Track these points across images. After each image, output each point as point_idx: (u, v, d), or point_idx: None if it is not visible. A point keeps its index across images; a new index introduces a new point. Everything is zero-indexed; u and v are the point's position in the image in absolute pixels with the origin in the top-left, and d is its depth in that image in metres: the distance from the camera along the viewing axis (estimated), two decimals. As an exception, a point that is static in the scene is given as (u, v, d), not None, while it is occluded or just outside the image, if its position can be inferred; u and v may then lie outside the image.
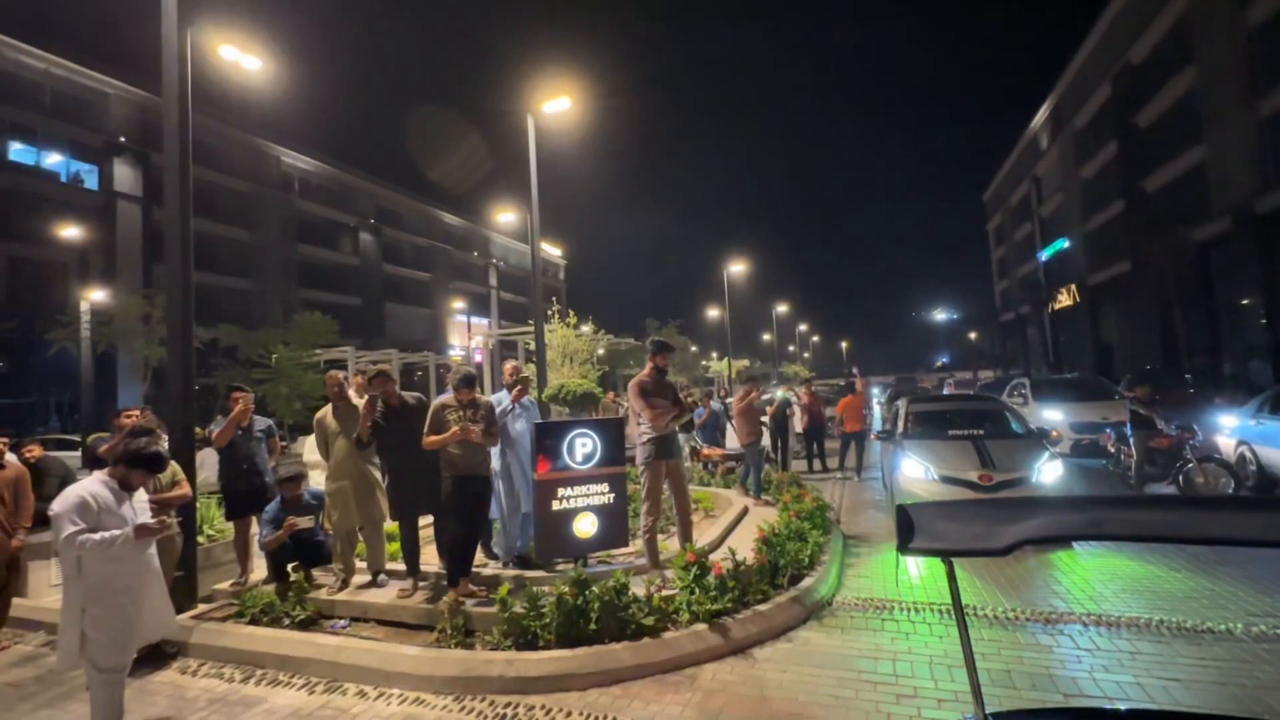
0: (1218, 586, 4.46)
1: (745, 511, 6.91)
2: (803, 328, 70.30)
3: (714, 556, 4.73)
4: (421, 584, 4.60)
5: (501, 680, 3.47)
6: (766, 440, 11.44)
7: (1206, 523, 1.23)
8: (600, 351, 21.61)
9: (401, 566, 4.77)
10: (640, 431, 4.81)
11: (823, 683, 3.39)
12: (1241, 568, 4.74)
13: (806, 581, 4.59)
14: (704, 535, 5.64)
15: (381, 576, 4.79)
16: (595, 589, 3.87)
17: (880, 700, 3.18)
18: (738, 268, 33.12)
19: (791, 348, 68.63)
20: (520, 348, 18.27)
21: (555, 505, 4.72)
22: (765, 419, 9.75)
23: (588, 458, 4.86)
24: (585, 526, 4.79)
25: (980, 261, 61.03)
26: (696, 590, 4.07)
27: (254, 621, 4.29)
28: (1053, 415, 10.71)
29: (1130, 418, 8.15)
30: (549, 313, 15.64)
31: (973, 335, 64.19)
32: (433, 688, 3.51)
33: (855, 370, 15.18)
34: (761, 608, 4.13)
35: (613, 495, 4.92)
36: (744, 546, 4.88)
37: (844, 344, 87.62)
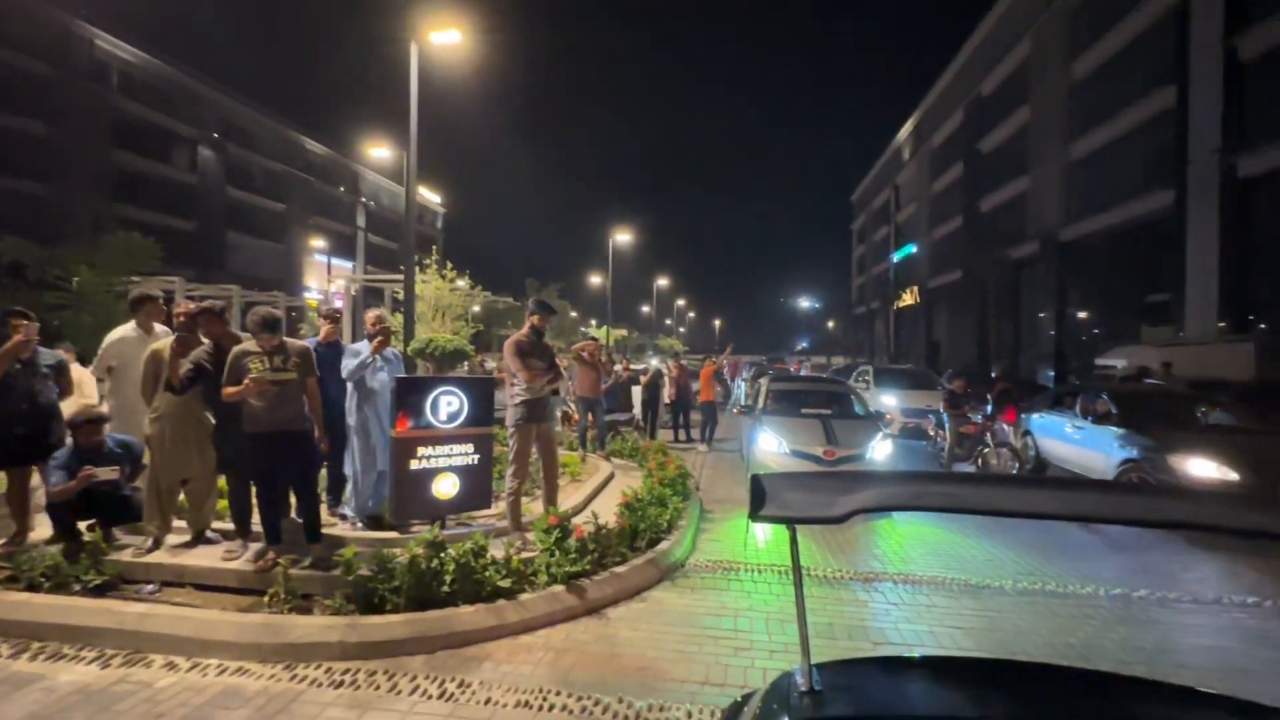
0: (997, 550, 5.31)
1: (611, 477, 7.06)
2: (680, 303, 72.58)
3: (577, 520, 4.77)
4: (253, 545, 4.17)
5: (342, 646, 3.27)
6: (637, 410, 11.77)
7: (1000, 498, 1.42)
8: (476, 309, 20.75)
9: (232, 526, 4.30)
10: (513, 393, 4.69)
11: (670, 639, 3.58)
12: (1016, 534, 5.68)
13: (664, 545, 4.79)
14: (569, 499, 5.68)
15: (212, 534, 4.30)
16: (452, 551, 3.75)
17: (720, 653, 3.42)
18: (623, 237, 33.22)
19: (669, 321, 70.68)
20: (388, 296, 17.03)
21: (414, 464, 4.48)
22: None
23: (453, 416, 4.65)
24: (446, 487, 4.61)
25: (843, 257, 66.54)
26: (557, 553, 4.09)
27: (32, 587, 3.65)
28: (889, 400, 12.04)
29: (946, 405, 9.39)
30: (423, 262, 14.66)
31: (830, 324, 70.15)
32: (260, 656, 3.22)
33: (728, 349, 15.99)
34: (619, 570, 4.25)
35: (477, 456, 4.77)
36: (608, 511, 4.98)
37: (717, 322, 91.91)
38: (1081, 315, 24.81)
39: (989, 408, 9.35)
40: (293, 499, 4.18)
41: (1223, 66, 17.28)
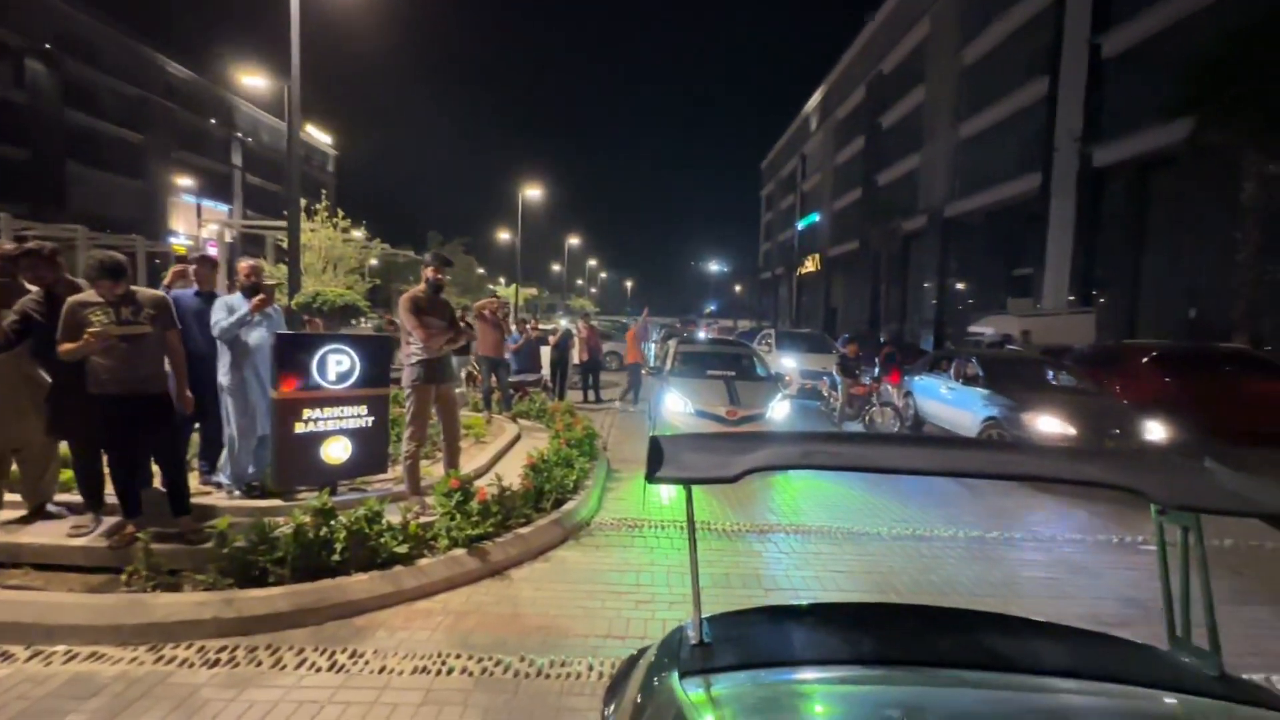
0: (877, 500, 5.79)
1: (518, 438, 6.96)
2: (592, 263, 71.89)
3: (480, 483, 4.67)
4: (108, 520, 3.74)
5: (217, 623, 3.03)
6: (546, 371, 11.62)
7: (880, 456, 1.50)
8: (373, 262, 19.46)
9: (80, 499, 3.83)
10: (409, 352, 4.44)
11: (573, 596, 3.63)
12: (893, 486, 6.22)
13: (569, 505, 4.81)
14: (472, 461, 5.55)
15: (55, 508, 3.81)
16: (343, 518, 3.55)
17: (622, 608, 3.51)
18: (533, 193, 32.12)
19: (580, 281, 69.93)
20: (270, 245, 15.53)
21: (300, 428, 4.18)
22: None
23: (343, 377, 4.36)
24: (336, 451, 4.34)
25: (751, 223, 68.37)
26: (458, 516, 3.99)
27: None
28: (789, 362, 12.65)
29: (838, 368, 10.02)
30: (311, 208, 13.43)
31: (738, 288, 72.32)
32: (119, 639, 2.93)
33: (645, 312, 16.08)
34: (523, 531, 4.22)
35: (372, 419, 4.52)
36: (513, 473, 4.91)
37: (629, 283, 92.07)
38: (960, 286, 27.14)
39: (876, 370, 10.08)
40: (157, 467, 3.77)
41: (1087, 62, 19.03)
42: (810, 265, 42.51)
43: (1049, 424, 6.81)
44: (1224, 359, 9.56)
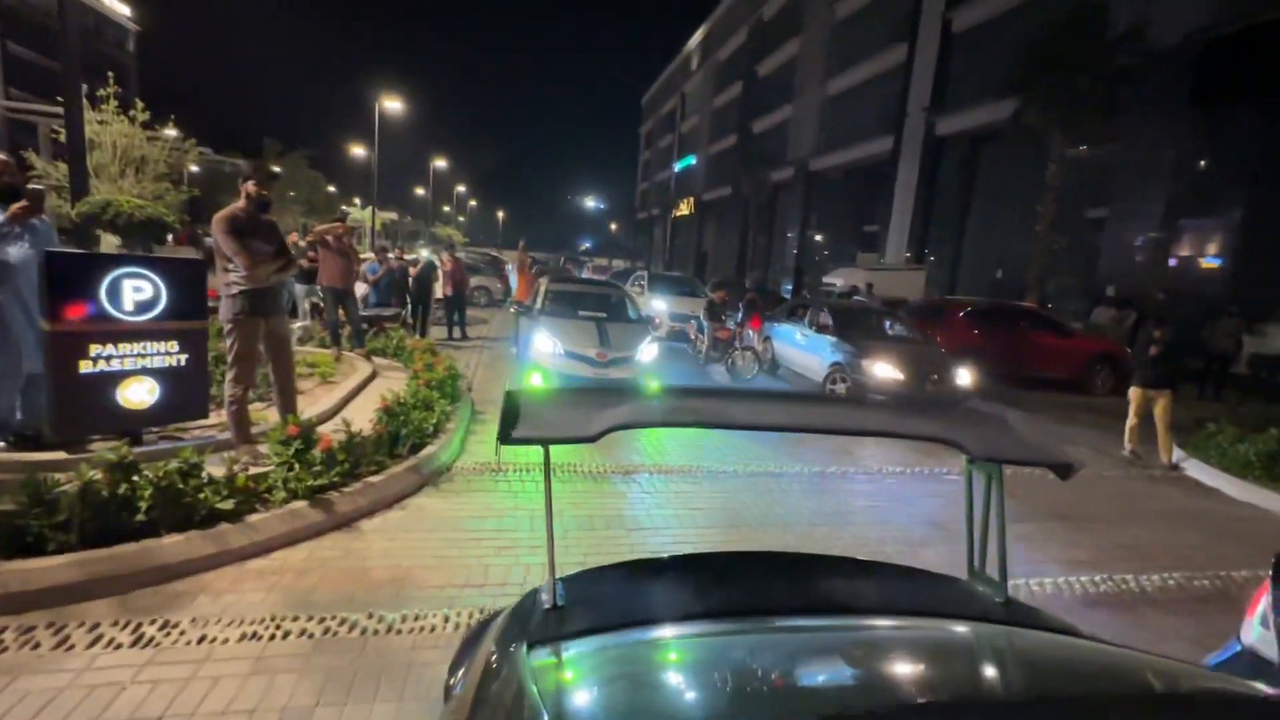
0: (735, 441, 6.15)
1: (372, 378, 6.45)
2: (461, 189, 67.25)
3: (325, 428, 4.27)
4: None
5: (-25, 602, 2.51)
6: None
7: (740, 413, 1.52)
8: (193, 168, 16.64)
9: None
10: (229, 281, 3.81)
11: (430, 545, 3.48)
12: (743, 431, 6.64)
13: (428, 450, 4.56)
14: (317, 404, 5.05)
15: None
16: (149, 472, 3.06)
17: (482, 554, 3.43)
18: (395, 105, 28.88)
19: (447, 208, 65.38)
20: (43, 137, 12.55)
21: (86, 367, 3.49)
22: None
23: (144, 306, 3.67)
24: (139, 394, 3.71)
25: (630, 160, 67.40)
26: (297, 466, 3.61)
27: None
28: (659, 305, 12.88)
29: (706, 313, 10.39)
30: (100, 92, 10.93)
31: (614, 226, 71.84)
32: None
33: (522, 246, 15.34)
34: (374, 479, 3.93)
35: (184, 356, 3.90)
36: (365, 416, 4.54)
37: (500, 214, 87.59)
38: (818, 238, 29.11)
39: (739, 315, 10.57)
40: None
41: (940, 35, 20.52)
42: (685, 208, 43.16)
43: (883, 369, 7.60)
44: (1018, 315, 11.24)
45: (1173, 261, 13.91)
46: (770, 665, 1.16)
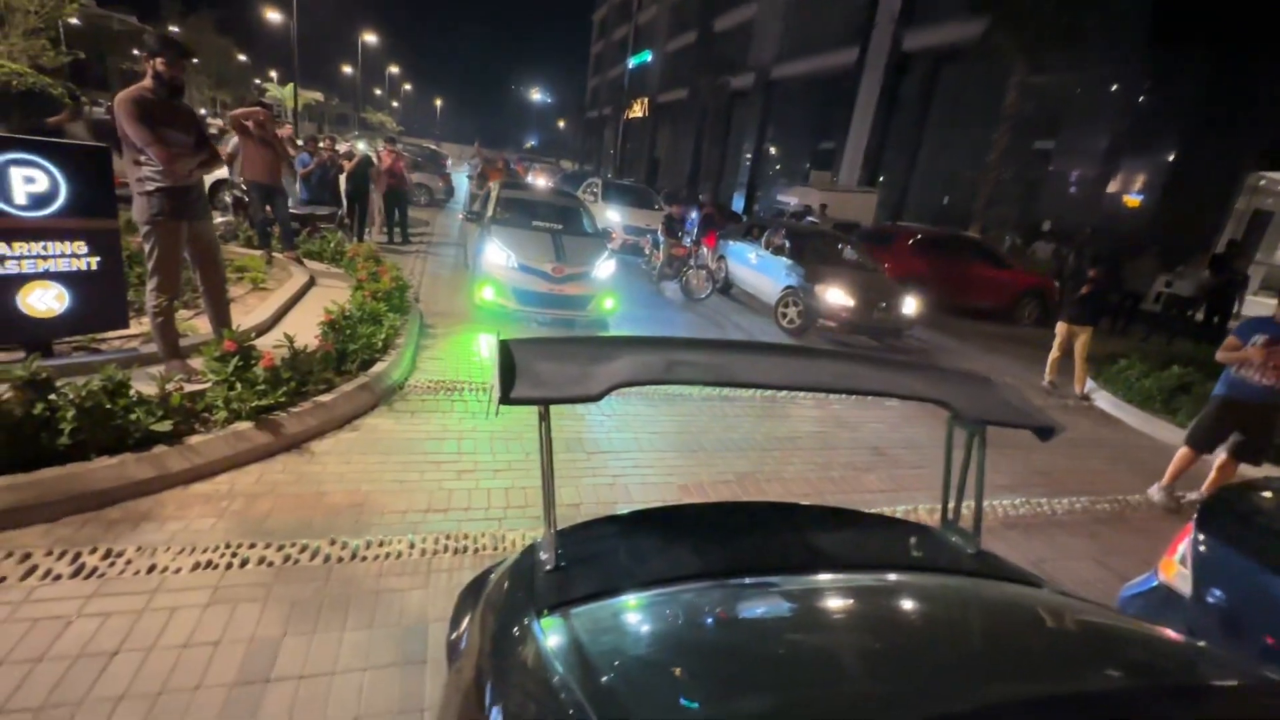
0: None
1: (309, 285, 6.03)
2: (394, 70, 61.10)
3: (264, 342, 3.99)
4: None
5: (-123, 533, 2.28)
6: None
7: (747, 370, 1.47)
8: (73, 21, 14.27)
9: None
10: (142, 176, 3.33)
11: (387, 468, 3.40)
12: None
13: (378, 367, 4.37)
14: (252, 315, 4.69)
15: None
16: (69, 391, 2.79)
17: (443, 478, 3.39)
18: (314, -38, 25.21)
19: (379, 91, 59.63)
20: None
21: (-25, 269, 3.05)
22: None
23: (39, 200, 3.20)
24: (45, 302, 3.31)
25: (581, 52, 62.45)
26: (238, 385, 3.38)
27: None
28: (614, 216, 12.46)
29: (663, 228, 10.15)
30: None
31: (561, 124, 67.78)
32: None
33: (477, 144, 14.18)
34: (324, 398, 3.75)
35: (96, 259, 3.47)
36: (307, 329, 4.26)
37: (438, 101, 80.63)
38: (773, 151, 28.48)
39: (695, 231, 10.39)
40: None
41: (916, -62, 19.40)
42: (638, 109, 40.97)
43: (835, 296, 7.74)
44: (963, 246, 11.57)
45: (1105, 199, 14.50)
46: (779, 623, 1.19)
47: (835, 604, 1.30)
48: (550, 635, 1.05)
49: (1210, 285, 10.33)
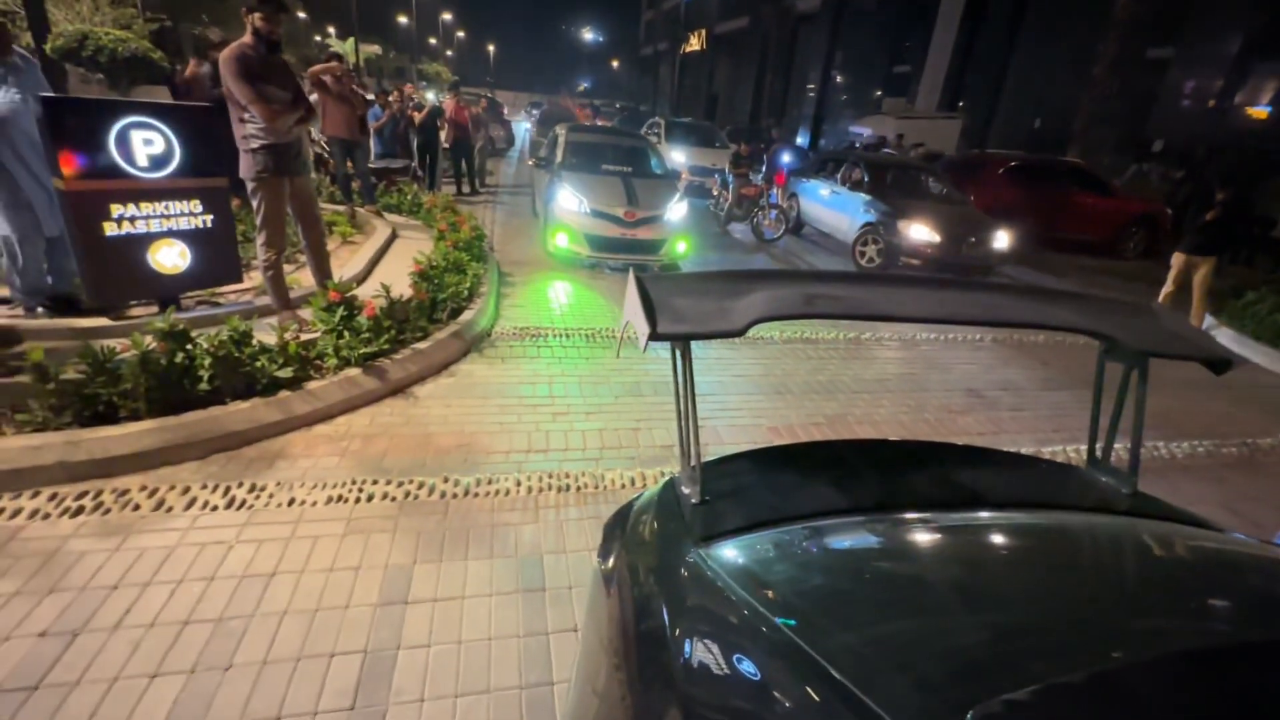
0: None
1: (393, 237, 6.21)
2: (447, 17, 60.39)
3: (362, 292, 4.16)
4: None
5: (65, 467, 2.58)
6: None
7: (884, 301, 1.40)
8: (148, -12, 14.70)
9: None
10: (246, 134, 3.46)
11: (486, 411, 3.53)
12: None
13: (466, 315, 4.49)
14: (346, 267, 4.89)
15: None
16: (204, 342, 3.01)
17: (540, 420, 3.50)
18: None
19: (433, 40, 59.30)
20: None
21: (111, 229, 3.29)
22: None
23: (159, 161, 3.38)
24: (170, 259, 3.54)
25: (633, -17, 59.43)
26: (346, 334, 3.56)
27: None
28: (678, 157, 12.08)
29: (732, 167, 9.77)
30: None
31: (615, 64, 65.62)
32: (-72, 495, 2.41)
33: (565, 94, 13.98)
34: (421, 345, 3.90)
35: (211, 217, 3.67)
36: (398, 279, 4.41)
37: (490, 48, 79.40)
38: (840, 80, 26.63)
39: (764, 170, 9.95)
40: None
41: None
42: (695, 43, 39.01)
43: (918, 232, 7.31)
44: (1062, 172, 10.58)
45: (1230, 112, 12.83)
46: (940, 558, 1.16)
47: (994, 541, 1.25)
48: (717, 561, 1.07)
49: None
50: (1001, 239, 7.51)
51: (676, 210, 6.81)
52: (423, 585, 2.26)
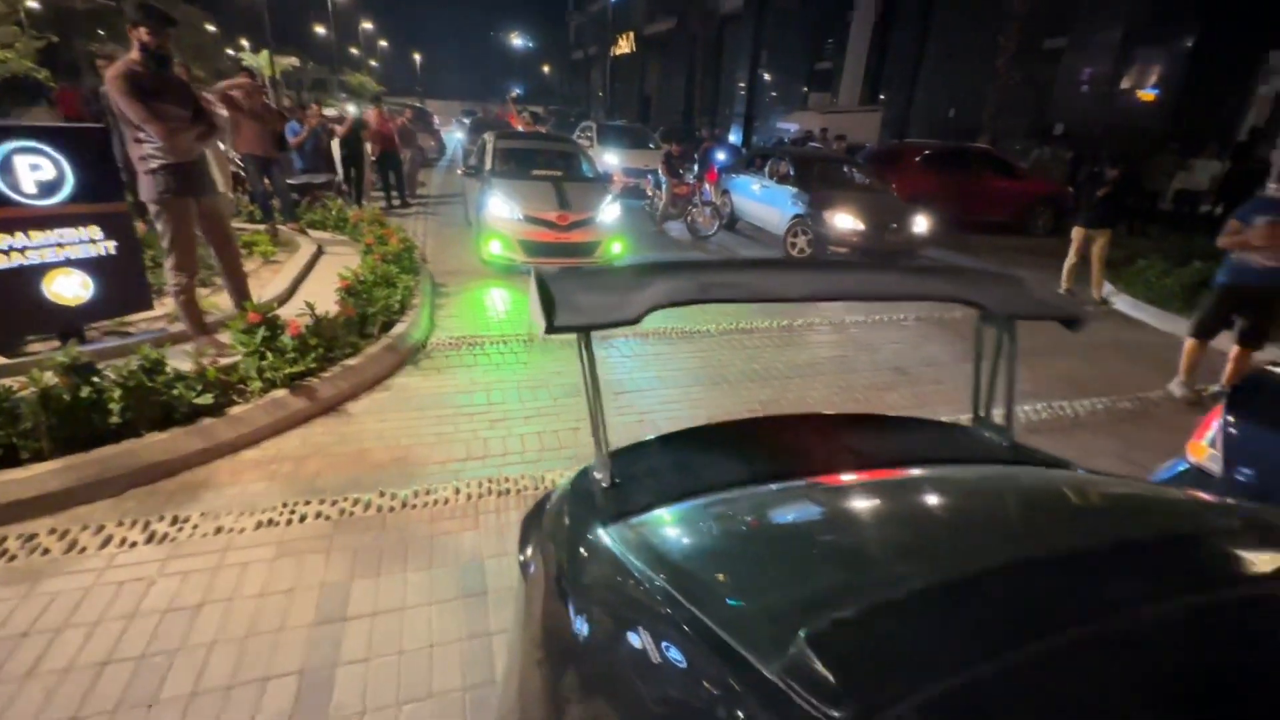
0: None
1: (318, 255, 6.03)
2: (368, 26, 58.69)
3: (286, 311, 4.04)
4: None
5: (-40, 516, 2.42)
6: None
7: (781, 285, 1.50)
8: (30, 4, 13.82)
9: None
10: (144, 154, 3.31)
11: (423, 423, 3.50)
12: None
13: (399, 328, 4.42)
14: (268, 287, 4.73)
15: None
16: (111, 373, 2.87)
17: (478, 428, 3.49)
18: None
19: (355, 50, 57.53)
20: None
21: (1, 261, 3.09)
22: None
23: (49, 188, 3.20)
24: (71, 289, 3.36)
25: (558, -13, 59.18)
26: (269, 355, 3.45)
27: None
28: (611, 159, 12.17)
29: (664, 167, 9.91)
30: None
31: (546, 69, 65.29)
32: None
33: (512, 96, 13.76)
34: (352, 362, 3.83)
35: (114, 243, 3.50)
36: (323, 297, 4.30)
37: (416, 56, 77.54)
38: (768, 77, 27.36)
39: (696, 168, 10.14)
40: None
41: None
42: (624, 45, 39.29)
43: (844, 221, 7.62)
44: (973, 158, 11.22)
45: (1119, 96, 13.89)
46: (836, 519, 1.26)
47: (880, 497, 1.36)
48: (621, 540, 1.12)
49: (1226, 176, 10.00)
50: (921, 224, 7.91)
51: (610, 212, 6.87)
52: (361, 601, 2.24)
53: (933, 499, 1.29)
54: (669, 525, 1.22)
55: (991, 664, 0.59)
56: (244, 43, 37.99)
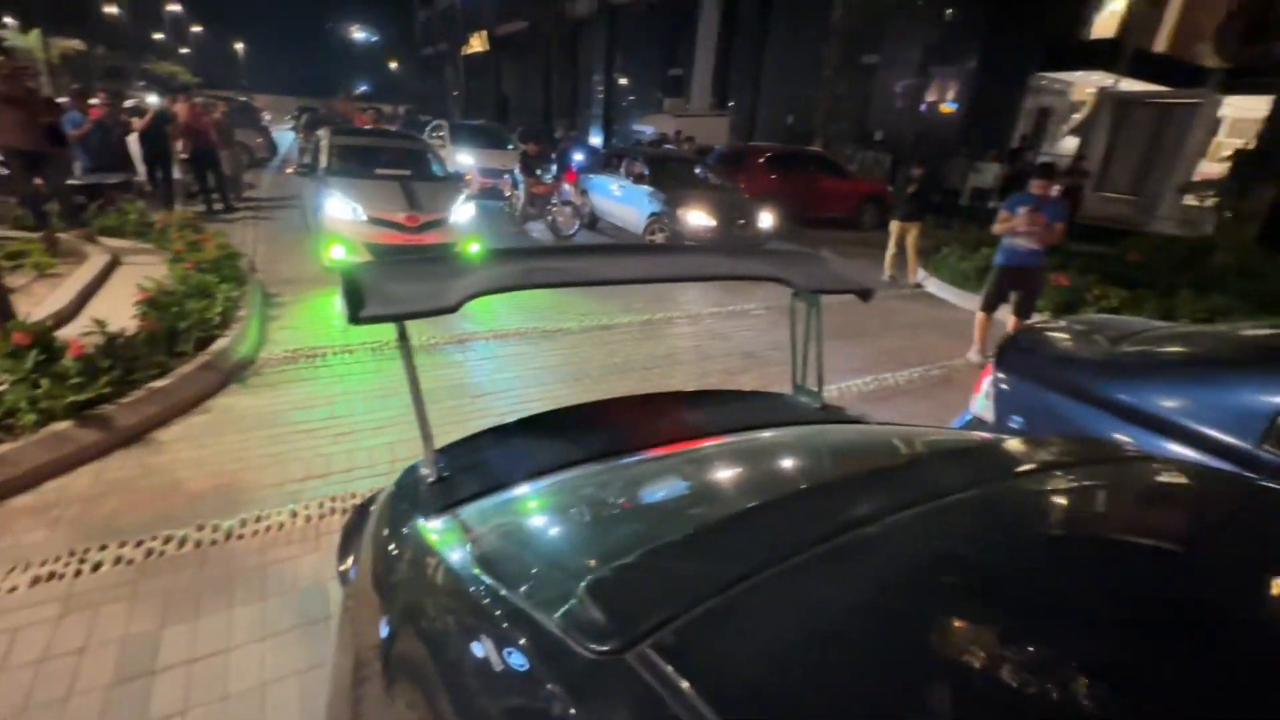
0: (569, 299, 6.18)
1: (113, 265, 5.22)
2: (175, 8, 51.64)
3: (68, 331, 3.45)
4: None
5: None
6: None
7: (599, 269, 1.53)
8: None
9: None
10: None
11: (253, 444, 3.16)
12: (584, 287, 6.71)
13: (220, 343, 3.94)
14: (45, 305, 4.02)
15: None
16: None
17: (318, 444, 3.22)
18: None
19: (160, 36, 50.42)
20: None
21: None
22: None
23: None
24: None
25: (403, -21, 55.93)
26: (45, 382, 2.92)
27: None
28: (466, 159, 11.76)
29: (521, 167, 9.77)
30: None
31: (394, 65, 61.65)
32: None
33: (357, 93, 12.45)
34: (160, 384, 3.35)
35: None
36: (120, 313, 3.72)
37: (239, 46, 69.39)
38: (624, 81, 27.96)
39: (554, 168, 10.12)
40: None
41: None
42: (477, 44, 38.13)
43: (697, 218, 8.00)
44: (809, 160, 12.29)
45: (923, 107, 15.92)
46: (647, 489, 1.31)
47: (701, 465, 1.44)
48: (436, 532, 1.09)
49: (1006, 176, 11.87)
50: (766, 219, 8.51)
51: (464, 212, 6.64)
52: (174, 649, 1.97)
53: (735, 461, 1.40)
54: (491, 512, 1.20)
55: (744, 584, 0.64)
56: (7, 21, 31.77)
